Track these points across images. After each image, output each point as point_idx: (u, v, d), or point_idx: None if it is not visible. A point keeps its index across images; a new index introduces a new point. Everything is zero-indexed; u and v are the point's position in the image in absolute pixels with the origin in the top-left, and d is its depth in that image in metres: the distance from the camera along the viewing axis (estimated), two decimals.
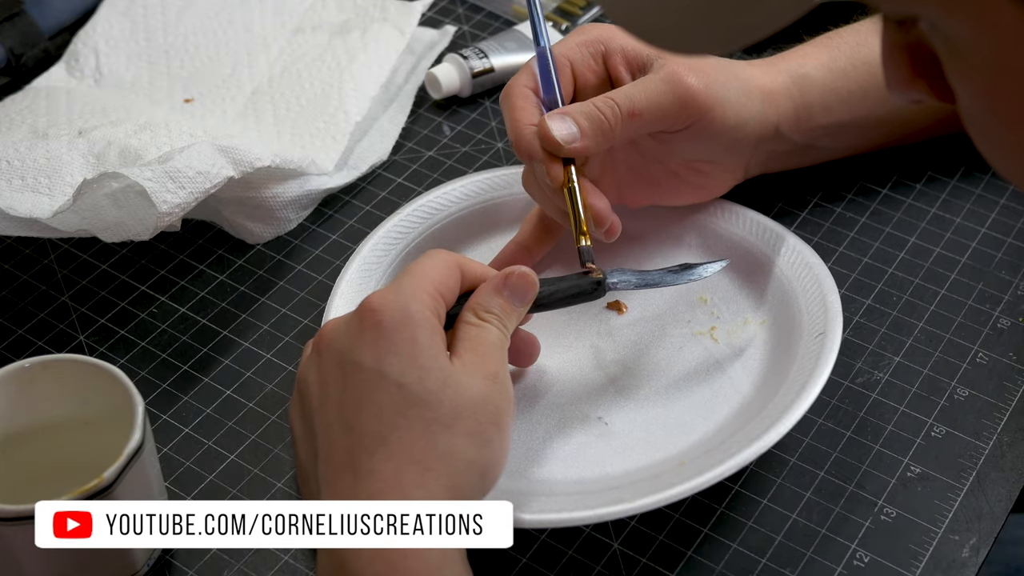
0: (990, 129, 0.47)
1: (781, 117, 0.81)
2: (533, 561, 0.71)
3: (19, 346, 0.84)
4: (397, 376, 0.62)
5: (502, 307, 0.68)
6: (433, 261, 0.67)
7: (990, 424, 0.76)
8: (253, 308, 0.85)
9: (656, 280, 0.76)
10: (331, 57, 0.98)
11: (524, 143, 0.76)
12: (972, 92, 0.46)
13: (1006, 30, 0.42)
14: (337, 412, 0.63)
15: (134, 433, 0.66)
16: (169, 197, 0.78)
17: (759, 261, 0.81)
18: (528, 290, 0.69)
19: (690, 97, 0.76)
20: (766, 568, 0.70)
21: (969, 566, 0.70)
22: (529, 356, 0.77)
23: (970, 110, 0.47)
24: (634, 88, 0.76)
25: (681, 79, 0.76)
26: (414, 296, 0.64)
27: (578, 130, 0.75)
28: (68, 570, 0.67)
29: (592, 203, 0.76)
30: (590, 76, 0.79)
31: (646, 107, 0.76)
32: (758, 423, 0.71)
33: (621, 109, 0.75)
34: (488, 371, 0.64)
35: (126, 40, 1.01)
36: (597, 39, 0.79)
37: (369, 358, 0.62)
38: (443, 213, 0.86)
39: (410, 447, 0.61)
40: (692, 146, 0.79)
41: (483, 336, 0.66)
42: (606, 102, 0.76)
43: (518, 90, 0.77)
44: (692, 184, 0.82)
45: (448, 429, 0.61)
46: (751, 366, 0.77)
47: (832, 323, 0.75)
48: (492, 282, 0.68)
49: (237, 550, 0.72)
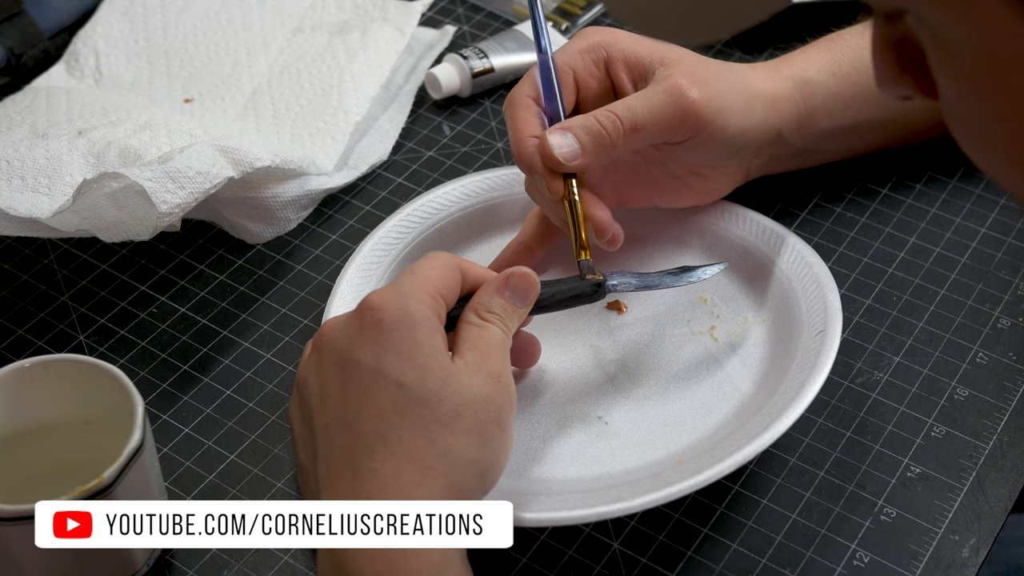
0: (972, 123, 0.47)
1: (784, 122, 0.81)
2: (533, 561, 0.71)
3: (19, 346, 0.84)
4: (397, 375, 0.62)
5: (504, 307, 0.68)
6: (434, 262, 0.67)
7: (990, 424, 0.76)
8: (253, 308, 0.85)
9: (655, 283, 0.77)
10: (331, 57, 0.98)
11: (525, 156, 0.76)
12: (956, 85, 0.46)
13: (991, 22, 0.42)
14: (337, 411, 0.63)
15: (134, 433, 0.66)
16: (169, 197, 0.78)
17: (758, 260, 0.82)
18: (529, 290, 0.69)
19: (693, 111, 0.76)
20: (766, 568, 0.70)
21: (969, 566, 0.70)
22: (531, 357, 0.77)
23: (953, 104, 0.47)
24: (636, 101, 0.76)
25: (684, 92, 0.75)
26: (414, 295, 0.64)
27: (579, 147, 0.75)
28: (68, 570, 0.67)
29: (593, 213, 0.75)
30: (593, 83, 0.79)
31: (648, 121, 0.75)
32: (758, 421, 0.71)
33: (623, 124, 0.75)
34: (490, 370, 0.64)
35: (126, 40, 1.01)
36: (599, 45, 0.79)
37: (369, 357, 0.62)
38: (443, 213, 0.86)
39: (410, 446, 0.61)
40: (694, 154, 0.79)
41: (485, 336, 0.66)
42: (608, 116, 0.75)
43: (520, 100, 0.77)
44: (693, 187, 0.82)
45: (448, 428, 0.61)
46: (751, 365, 0.77)
47: (832, 321, 0.75)
48: (494, 282, 0.68)
49: (237, 550, 0.72)
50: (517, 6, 1.07)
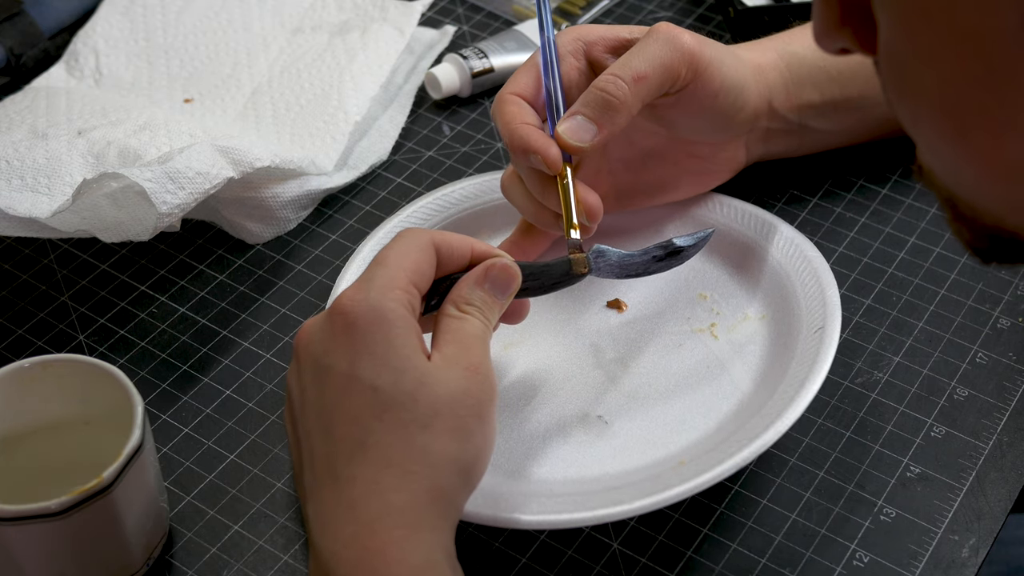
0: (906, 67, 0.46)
1: (772, 91, 0.81)
2: (533, 561, 0.71)
3: (19, 346, 0.84)
4: (371, 379, 0.61)
5: (483, 299, 0.66)
6: (404, 246, 0.65)
7: (990, 424, 0.76)
8: (253, 308, 0.85)
9: (640, 269, 0.75)
10: (331, 57, 0.98)
11: (519, 138, 0.74)
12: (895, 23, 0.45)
13: None
14: (316, 419, 0.62)
15: (134, 433, 0.66)
16: (169, 198, 0.78)
17: (758, 256, 0.81)
18: (510, 282, 0.68)
19: (688, 50, 0.75)
20: (766, 568, 0.70)
21: (969, 566, 0.70)
22: (518, 314, 0.74)
23: (889, 46, 0.46)
24: (630, 56, 0.75)
25: (676, 35, 0.75)
26: (385, 293, 0.63)
27: (592, 124, 0.74)
28: (67, 570, 0.67)
29: (584, 197, 0.75)
30: (574, 74, 0.78)
31: (648, 67, 0.74)
32: (758, 421, 0.71)
33: (625, 79, 0.74)
34: (468, 363, 0.63)
35: (126, 40, 1.01)
36: (575, 37, 0.79)
37: (343, 362, 0.61)
38: (444, 214, 0.85)
39: (388, 451, 0.60)
40: (691, 115, 0.79)
41: (464, 328, 0.65)
42: (607, 79, 0.74)
43: (507, 98, 0.77)
44: (692, 172, 0.82)
45: (427, 428, 0.60)
46: (751, 363, 0.77)
47: (831, 318, 0.75)
48: (473, 274, 0.67)
49: (237, 550, 0.72)
50: (517, 6, 1.07)
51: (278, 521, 0.73)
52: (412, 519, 0.60)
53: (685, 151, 0.81)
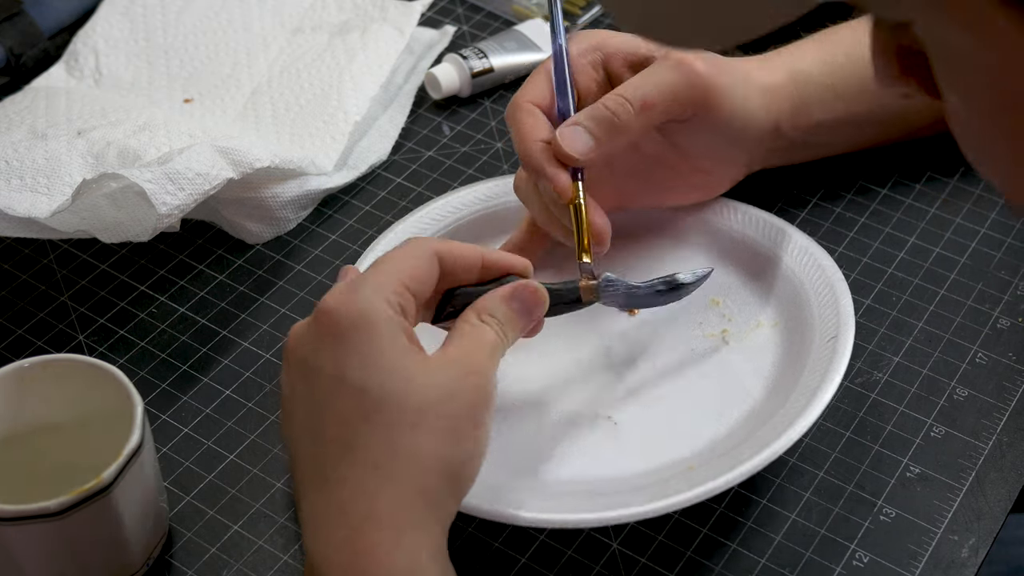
0: (979, 137, 0.46)
1: (781, 115, 0.81)
2: (532, 561, 0.71)
3: (19, 346, 0.84)
4: (358, 381, 0.60)
5: (506, 315, 0.66)
6: (402, 253, 0.65)
7: (989, 424, 0.76)
8: (253, 308, 0.85)
9: (643, 303, 0.76)
10: (331, 57, 0.98)
11: (534, 160, 0.75)
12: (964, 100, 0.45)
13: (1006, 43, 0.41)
14: (305, 422, 0.62)
15: (133, 433, 0.66)
16: (168, 199, 0.78)
17: (772, 263, 0.81)
18: (537, 306, 0.67)
19: (700, 81, 0.76)
20: (765, 568, 0.70)
21: (969, 566, 0.70)
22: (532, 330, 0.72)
23: (959, 116, 0.47)
24: (641, 79, 0.76)
25: (689, 63, 0.76)
26: (372, 295, 0.62)
27: (590, 137, 0.74)
28: (67, 570, 0.67)
29: (593, 220, 0.75)
30: (592, 86, 0.78)
31: (657, 95, 0.75)
32: (768, 430, 0.71)
33: (633, 103, 0.74)
34: (468, 366, 0.62)
35: (126, 40, 1.01)
36: (594, 47, 0.79)
37: (329, 364, 0.61)
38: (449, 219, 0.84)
39: (375, 452, 0.60)
40: (698, 138, 0.79)
41: (476, 334, 0.64)
42: (615, 100, 0.75)
43: (523, 106, 0.77)
44: (694, 184, 0.82)
45: (414, 429, 0.60)
46: (763, 370, 0.77)
47: (844, 327, 0.74)
48: (501, 291, 0.67)
49: (236, 550, 0.72)
50: (517, 6, 1.07)
51: (278, 521, 0.73)
52: (399, 521, 0.59)
53: (689, 164, 0.81)
